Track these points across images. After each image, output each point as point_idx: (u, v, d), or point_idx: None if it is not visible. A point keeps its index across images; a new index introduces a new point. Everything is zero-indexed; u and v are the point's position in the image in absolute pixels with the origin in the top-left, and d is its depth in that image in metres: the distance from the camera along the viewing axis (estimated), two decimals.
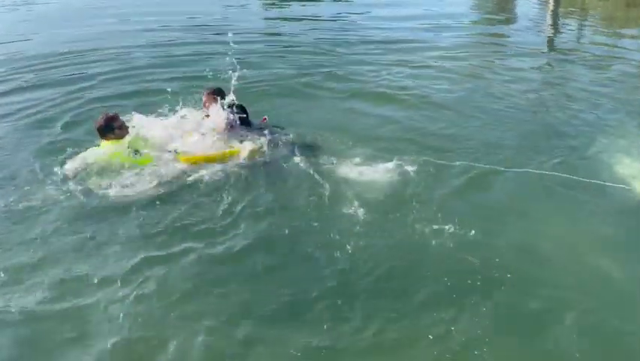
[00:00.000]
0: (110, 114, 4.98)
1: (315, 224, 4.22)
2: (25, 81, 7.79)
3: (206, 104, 5.45)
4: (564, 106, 6.75)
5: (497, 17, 13.60)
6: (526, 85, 7.64)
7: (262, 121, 5.79)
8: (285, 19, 12.63)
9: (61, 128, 6.00)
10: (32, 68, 8.43)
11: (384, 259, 3.83)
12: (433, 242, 3.99)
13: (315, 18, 12.60)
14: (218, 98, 5.29)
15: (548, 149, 5.50)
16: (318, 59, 8.97)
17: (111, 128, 4.90)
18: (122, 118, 5.12)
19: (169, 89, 6.79)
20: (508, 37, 11.28)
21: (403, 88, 7.38)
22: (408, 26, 11.40)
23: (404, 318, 3.33)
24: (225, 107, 5.24)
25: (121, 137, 4.96)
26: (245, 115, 5.46)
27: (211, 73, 8.07)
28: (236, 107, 5.43)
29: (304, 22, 12.24)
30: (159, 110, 5.90)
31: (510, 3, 15.33)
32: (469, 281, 3.60)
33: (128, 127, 5.00)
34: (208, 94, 5.46)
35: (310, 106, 6.82)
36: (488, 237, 4.07)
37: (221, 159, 5.00)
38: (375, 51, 9.36)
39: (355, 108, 6.70)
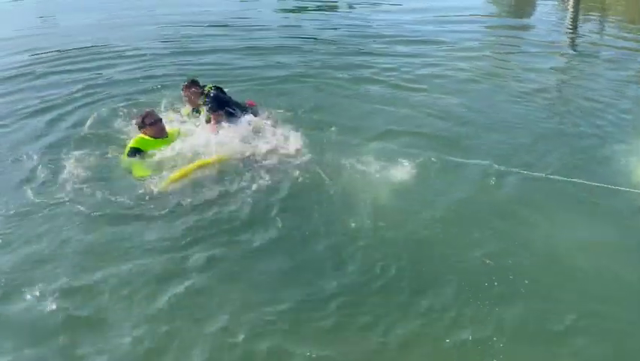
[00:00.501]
0: (146, 111, 5.12)
1: (325, 221, 4.12)
2: (42, 73, 7.85)
3: (191, 98, 5.52)
4: (583, 107, 6.55)
5: (516, 16, 13.42)
6: (544, 84, 7.47)
7: (249, 104, 5.81)
8: (301, 12, 12.55)
9: (70, 121, 5.99)
10: (49, 60, 8.53)
11: (396, 261, 3.70)
12: (447, 244, 3.88)
13: (330, 13, 12.53)
14: (195, 88, 5.49)
15: (567, 151, 5.32)
16: (332, 53, 8.90)
17: (143, 124, 5.02)
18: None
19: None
20: (527, 35, 11.09)
21: (419, 85, 7.26)
22: (425, 23, 11.28)
23: (416, 321, 3.22)
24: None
25: (153, 134, 5.00)
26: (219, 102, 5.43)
27: (225, 66, 8.13)
28: (215, 88, 5.49)
29: (320, 16, 12.19)
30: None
31: (529, 2, 15.10)
32: (486, 284, 3.48)
33: (162, 127, 5.03)
34: (186, 87, 5.53)
35: (323, 99, 6.72)
36: (504, 240, 3.93)
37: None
38: (391, 47, 9.24)
39: (369, 103, 6.58)
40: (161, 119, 5.10)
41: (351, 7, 12.82)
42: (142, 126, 5.03)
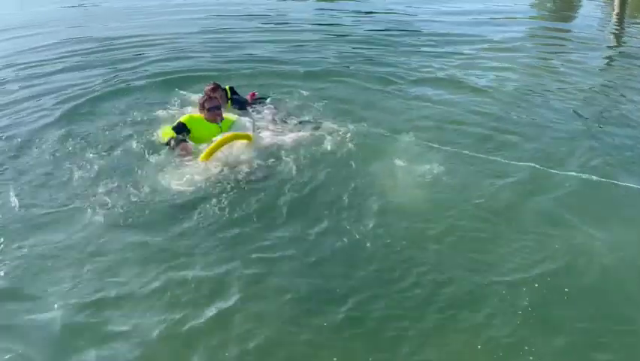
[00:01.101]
0: (209, 95, 5.19)
1: (349, 218, 4.03)
2: (76, 62, 8.07)
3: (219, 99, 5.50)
4: (627, 108, 6.28)
5: (560, 14, 13.01)
6: (587, 84, 7.21)
7: (251, 96, 5.93)
8: (338, 9, 12.50)
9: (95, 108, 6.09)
10: (85, 48, 8.77)
11: (424, 264, 3.56)
12: (477, 247, 3.73)
13: (368, 9, 12.42)
14: (221, 92, 5.51)
15: (610, 153, 5.10)
16: (368, 47, 8.86)
17: (202, 107, 5.12)
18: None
19: (215, 74, 6.86)
20: (571, 34, 10.70)
21: (456, 81, 7.14)
22: (465, 21, 11.08)
23: (441, 326, 3.09)
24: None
25: (207, 118, 5.05)
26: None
27: (257, 57, 8.18)
28: (230, 90, 5.77)
29: (357, 11, 12.11)
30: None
31: (573, 3, 14.62)
32: (520, 288, 3.35)
33: (217, 114, 5.05)
34: (212, 90, 5.44)
35: (355, 92, 6.68)
36: (539, 243, 3.76)
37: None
38: (430, 43, 9.10)
39: (403, 97, 6.51)
40: (219, 107, 5.10)
41: (395, 6, 12.58)
42: (201, 109, 5.12)
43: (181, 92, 6.28)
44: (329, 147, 5.00)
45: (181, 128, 4.96)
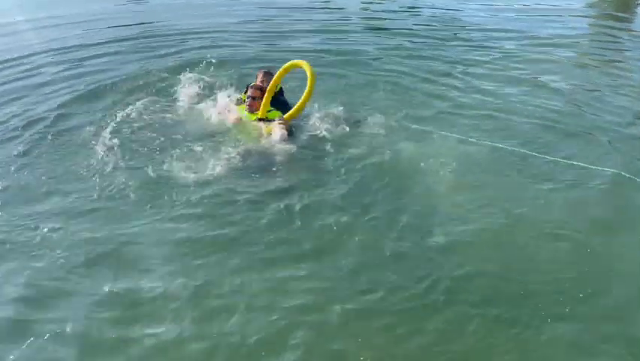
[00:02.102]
0: (257, 85, 5.23)
1: (378, 215, 3.94)
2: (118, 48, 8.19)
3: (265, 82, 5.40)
4: None
5: (616, 15, 12.35)
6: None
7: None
8: (382, 1, 12.23)
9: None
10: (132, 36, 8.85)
11: (455, 265, 3.45)
12: (509, 250, 3.62)
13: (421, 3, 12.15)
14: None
15: None
16: (412, 41, 8.72)
17: (245, 92, 5.27)
18: None
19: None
20: (628, 35, 10.16)
21: (508, 76, 7.01)
22: (518, 17, 10.77)
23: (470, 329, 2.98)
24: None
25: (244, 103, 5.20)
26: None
27: (301, 50, 8.05)
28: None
29: (402, 5, 11.86)
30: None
31: (630, 3, 13.84)
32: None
33: (250, 104, 5.13)
34: (265, 74, 5.46)
35: (401, 88, 6.53)
36: (574, 245, 3.63)
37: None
38: (483, 38, 8.90)
39: (453, 93, 6.37)
40: (253, 97, 5.13)
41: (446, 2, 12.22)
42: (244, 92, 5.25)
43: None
44: (368, 142, 4.93)
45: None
